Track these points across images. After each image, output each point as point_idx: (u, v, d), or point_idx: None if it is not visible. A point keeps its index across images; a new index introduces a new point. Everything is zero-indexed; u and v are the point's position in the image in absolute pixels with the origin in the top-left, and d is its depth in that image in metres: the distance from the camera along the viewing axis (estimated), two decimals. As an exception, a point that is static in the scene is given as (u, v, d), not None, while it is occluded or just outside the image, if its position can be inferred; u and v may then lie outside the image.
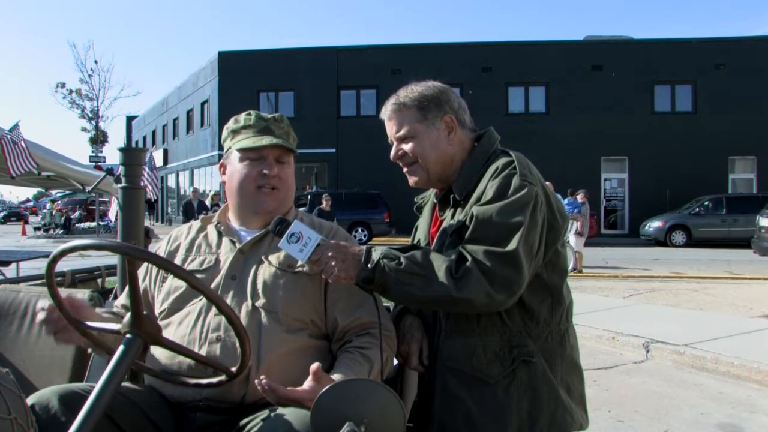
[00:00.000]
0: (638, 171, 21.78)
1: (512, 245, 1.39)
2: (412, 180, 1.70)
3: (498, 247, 1.39)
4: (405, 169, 1.70)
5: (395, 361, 1.68)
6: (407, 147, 1.65)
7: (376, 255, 1.43)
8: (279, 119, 1.72)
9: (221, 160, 1.76)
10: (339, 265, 1.43)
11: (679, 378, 4.82)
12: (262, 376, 1.37)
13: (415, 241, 1.83)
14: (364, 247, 1.47)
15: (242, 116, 1.72)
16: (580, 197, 11.16)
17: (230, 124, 1.73)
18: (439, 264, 1.40)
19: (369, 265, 1.42)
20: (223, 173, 1.74)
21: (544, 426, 1.51)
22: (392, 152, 1.70)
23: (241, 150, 1.66)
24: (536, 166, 1.61)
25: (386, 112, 1.69)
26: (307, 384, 1.34)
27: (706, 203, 17.92)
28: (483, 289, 1.38)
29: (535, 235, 1.46)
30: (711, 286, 9.34)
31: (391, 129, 1.68)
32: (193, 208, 12.97)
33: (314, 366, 1.33)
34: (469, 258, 1.39)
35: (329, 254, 1.43)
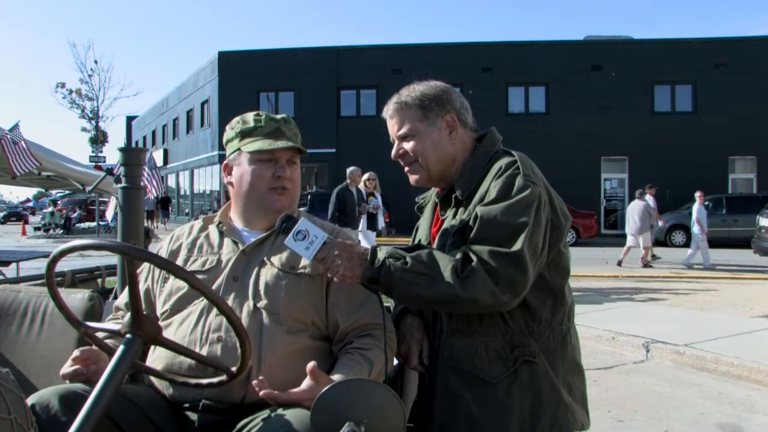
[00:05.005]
0: (638, 171, 21.76)
1: (517, 246, 1.39)
2: (412, 178, 1.70)
3: (503, 248, 1.39)
4: (406, 168, 1.70)
5: (395, 361, 1.68)
6: (408, 146, 1.66)
7: (381, 254, 1.44)
8: (288, 120, 1.73)
9: (226, 161, 1.74)
10: (345, 264, 1.43)
11: (679, 378, 4.81)
12: (260, 377, 1.36)
13: (416, 241, 1.84)
14: (369, 247, 1.47)
15: (251, 117, 1.71)
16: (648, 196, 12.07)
17: (237, 125, 1.71)
18: (445, 264, 1.40)
19: (374, 265, 1.42)
20: (229, 174, 1.73)
21: (545, 426, 1.51)
22: (393, 151, 1.70)
23: (254, 152, 1.65)
24: (536, 166, 1.61)
25: (388, 111, 1.69)
26: (305, 384, 1.35)
27: (706, 203, 17.86)
28: (488, 289, 1.38)
29: (539, 236, 1.46)
30: (711, 286, 9.33)
31: (392, 128, 1.69)
32: (353, 198, 8.22)
33: (310, 365, 1.33)
34: (475, 258, 1.40)
35: (335, 253, 1.44)
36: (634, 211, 11.99)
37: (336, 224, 7.16)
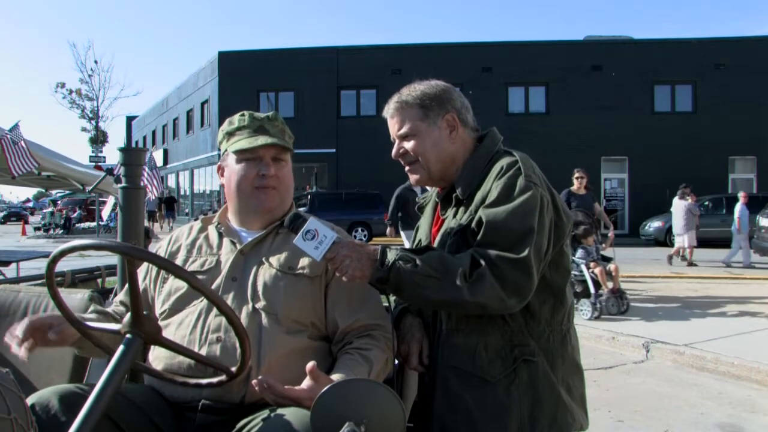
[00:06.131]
0: (638, 171, 21.77)
1: (524, 252, 1.40)
2: (413, 178, 1.70)
3: (510, 253, 1.41)
4: (407, 168, 1.70)
5: (395, 361, 1.69)
6: (408, 145, 1.66)
7: (391, 256, 1.44)
8: (273, 117, 1.71)
9: (219, 163, 1.76)
10: (354, 264, 1.43)
11: (679, 378, 4.82)
12: (259, 377, 1.36)
13: (417, 241, 1.84)
14: (378, 247, 1.47)
15: (236, 117, 1.72)
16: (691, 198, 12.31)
17: (225, 126, 1.73)
18: (454, 268, 1.41)
19: (384, 266, 1.43)
20: (222, 175, 1.74)
21: (544, 426, 1.51)
22: (394, 150, 1.70)
23: (237, 151, 1.66)
24: (537, 165, 1.61)
25: (389, 111, 1.69)
26: (305, 383, 1.34)
27: (706, 203, 17.87)
28: (496, 294, 1.39)
29: (543, 238, 1.47)
30: (711, 286, 9.33)
31: (393, 127, 1.69)
32: (416, 198, 8.58)
33: (310, 365, 1.33)
34: (483, 263, 1.40)
35: (344, 253, 1.44)
36: (677, 210, 12.34)
37: (399, 225, 7.18)
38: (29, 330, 1.43)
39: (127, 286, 1.41)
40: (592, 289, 6.69)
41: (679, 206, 12.36)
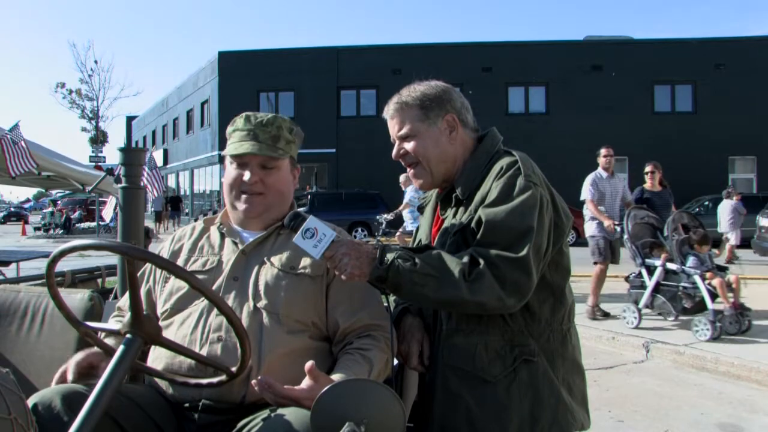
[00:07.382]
0: (638, 171, 21.71)
1: (524, 251, 1.40)
2: (417, 183, 1.70)
3: (510, 252, 1.41)
4: (410, 171, 1.70)
5: (395, 361, 1.69)
6: (409, 146, 1.66)
7: (390, 255, 1.44)
8: (266, 123, 1.65)
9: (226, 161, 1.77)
10: (353, 263, 1.43)
11: (679, 378, 4.81)
12: (259, 377, 1.36)
13: (417, 241, 1.84)
14: (378, 246, 1.47)
15: (237, 118, 1.71)
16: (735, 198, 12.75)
17: (229, 126, 1.73)
18: (453, 267, 1.41)
19: (383, 264, 1.43)
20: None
21: (545, 426, 1.52)
22: (394, 151, 1.70)
23: (228, 155, 1.67)
24: (536, 165, 1.61)
25: (389, 111, 1.69)
26: (305, 383, 1.34)
27: (706, 203, 17.86)
28: (495, 293, 1.39)
29: (543, 238, 1.47)
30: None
31: (393, 128, 1.69)
32: None
33: (308, 365, 1.33)
34: (482, 262, 1.40)
35: (343, 251, 1.44)
36: (723, 209, 12.73)
37: None
38: (76, 373, 1.47)
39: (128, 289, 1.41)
40: (710, 305, 5.56)
41: (726, 206, 12.73)
